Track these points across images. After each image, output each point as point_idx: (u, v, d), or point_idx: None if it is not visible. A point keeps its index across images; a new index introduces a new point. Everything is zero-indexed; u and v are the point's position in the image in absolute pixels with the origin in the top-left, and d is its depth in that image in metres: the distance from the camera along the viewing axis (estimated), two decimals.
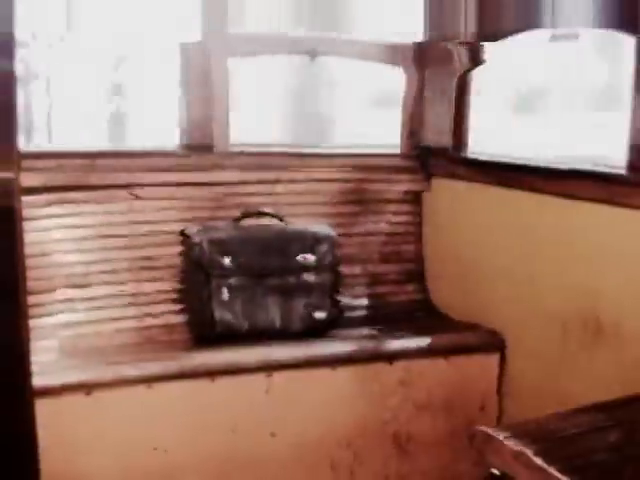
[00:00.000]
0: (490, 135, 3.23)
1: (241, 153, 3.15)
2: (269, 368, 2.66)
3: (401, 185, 3.32)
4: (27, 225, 2.71)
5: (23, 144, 2.91)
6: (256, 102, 3.68)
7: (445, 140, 3.24)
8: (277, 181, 3.14)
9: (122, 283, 2.93)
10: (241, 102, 3.29)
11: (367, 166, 3.29)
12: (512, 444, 1.98)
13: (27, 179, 2.67)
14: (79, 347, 2.74)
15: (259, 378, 2.65)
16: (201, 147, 3.09)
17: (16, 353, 1.10)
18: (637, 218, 2.43)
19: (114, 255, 2.92)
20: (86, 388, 2.47)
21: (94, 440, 2.50)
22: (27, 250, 2.63)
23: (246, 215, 2.99)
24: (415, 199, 3.33)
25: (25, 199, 2.63)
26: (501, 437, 2.01)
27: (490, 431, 2.06)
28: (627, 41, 2.46)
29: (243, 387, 2.64)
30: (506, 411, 2.94)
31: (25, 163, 2.49)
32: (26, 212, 2.66)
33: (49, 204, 2.83)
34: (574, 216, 2.66)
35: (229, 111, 3.11)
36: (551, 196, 2.72)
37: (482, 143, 3.23)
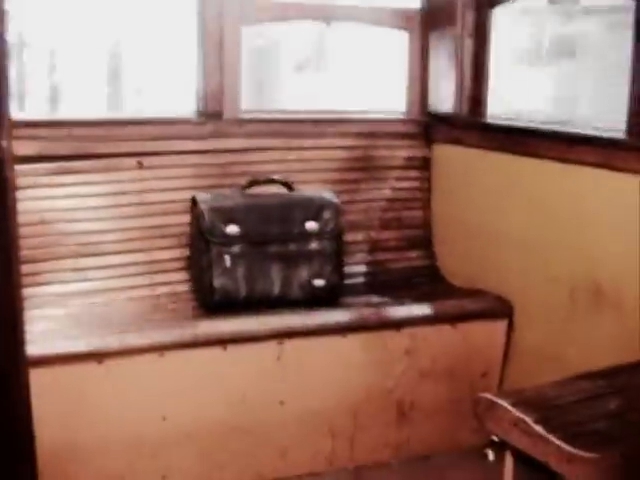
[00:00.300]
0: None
1: (250, 120, 3.15)
2: (281, 335, 2.66)
3: (407, 151, 3.31)
4: (31, 193, 2.74)
5: (18, 112, 2.93)
6: None
7: (451, 106, 3.23)
8: (286, 148, 3.15)
9: (132, 252, 2.94)
10: None
11: (373, 132, 3.28)
12: (513, 411, 1.99)
13: (32, 147, 2.71)
14: (89, 315, 2.75)
15: (271, 346, 2.65)
16: (212, 115, 3.09)
17: (9, 322, 1.12)
18: (635, 182, 2.42)
19: (124, 224, 2.93)
20: (97, 357, 2.48)
21: (103, 409, 2.51)
22: (33, 218, 2.68)
23: (254, 182, 2.99)
24: (422, 165, 3.32)
25: (28, 167, 2.68)
26: (502, 404, 2.02)
27: (492, 398, 2.07)
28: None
29: (254, 355, 2.65)
30: (508, 378, 2.95)
31: (28, 131, 2.53)
32: (28, 180, 2.70)
33: (56, 173, 2.84)
34: (577, 181, 2.65)
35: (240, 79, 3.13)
36: (554, 161, 2.71)
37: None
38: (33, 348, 2.28)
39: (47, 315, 2.69)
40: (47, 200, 2.82)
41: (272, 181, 3.02)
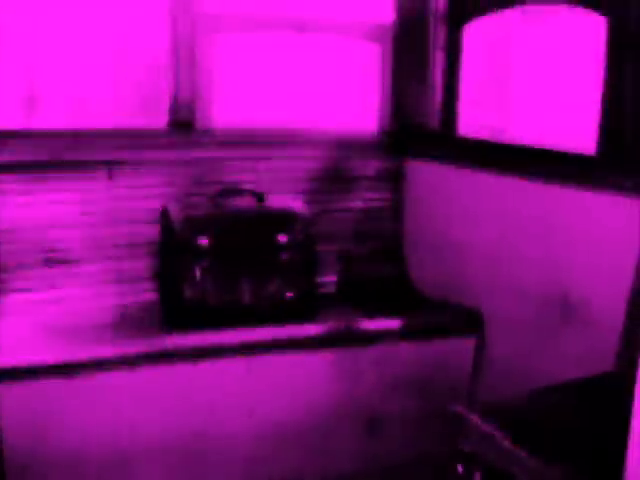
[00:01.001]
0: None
1: (222, 130, 3.14)
2: (251, 348, 2.66)
3: (378, 163, 3.32)
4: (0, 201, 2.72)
5: None
6: None
7: (423, 119, 3.24)
8: (257, 158, 3.14)
9: (101, 260, 2.93)
10: None
11: (345, 144, 3.29)
12: (481, 425, 2.00)
13: (2, 156, 2.68)
14: (56, 325, 2.73)
15: (240, 359, 2.65)
16: (184, 124, 3.08)
17: None
18: (605, 201, 2.44)
19: (93, 233, 2.92)
20: (64, 368, 2.46)
21: (72, 422, 2.49)
22: (1, 226, 2.66)
23: (225, 192, 2.98)
24: (393, 177, 3.33)
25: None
26: (471, 418, 2.03)
27: (461, 411, 2.08)
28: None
29: (224, 368, 2.64)
30: (477, 391, 2.95)
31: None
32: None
33: (26, 181, 2.81)
34: (547, 197, 2.66)
35: (212, 89, 3.13)
36: (524, 176, 2.73)
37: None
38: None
39: (14, 324, 2.67)
40: (16, 208, 2.80)
41: (243, 191, 3.01)
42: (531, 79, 3.22)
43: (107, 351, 2.53)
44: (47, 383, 2.44)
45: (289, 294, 2.88)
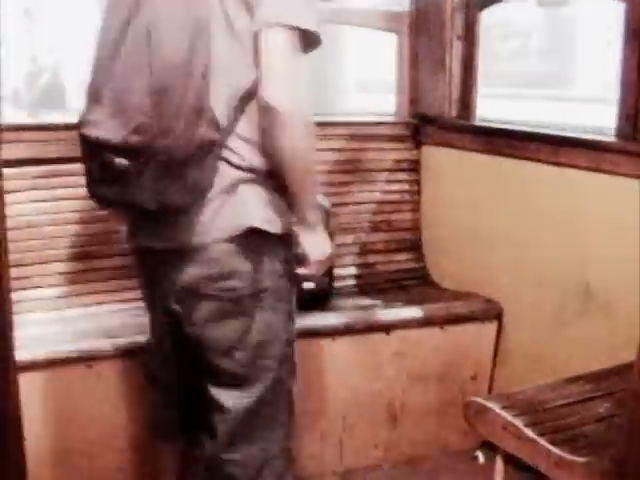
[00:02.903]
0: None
1: None
2: None
3: (396, 153, 3.31)
4: (17, 196, 2.72)
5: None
6: None
7: (441, 108, 3.23)
8: None
9: (121, 255, 2.92)
10: None
11: (362, 135, 3.27)
12: (503, 415, 2.00)
13: (13, 151, 2.68)
14: (78, 319, 2.74)
15: None
16: None
17: None
18: (624, 185, 2.43)
19: (112, 227, 2.91)
20: (87, 360, 2.48)
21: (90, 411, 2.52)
22: (19, 221, 2.66)
23: None
24: (411, 168, 3.32)
25: (13, 171, 2.65)
26: (493, 408, 2.03)
27: (482, 402, 2.08)
28: None
29: None
30: (497, 381, 2.95)
31: (14, 135, 2.52)
32: (14, 184, 2.68)
33: (42, 176, 2.80)
34: (567, 184, 2.65)
35: None
36: (545, 164, 2.72)
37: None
38: (23, 353, 2.31)
39: (36, 319, 2.68)
40: (33, 203, 2.80)
41: None
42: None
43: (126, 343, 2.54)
44: (68, 373, 2.47)
45: (308, 284, 2.88)
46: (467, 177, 3.10)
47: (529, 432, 1.92)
